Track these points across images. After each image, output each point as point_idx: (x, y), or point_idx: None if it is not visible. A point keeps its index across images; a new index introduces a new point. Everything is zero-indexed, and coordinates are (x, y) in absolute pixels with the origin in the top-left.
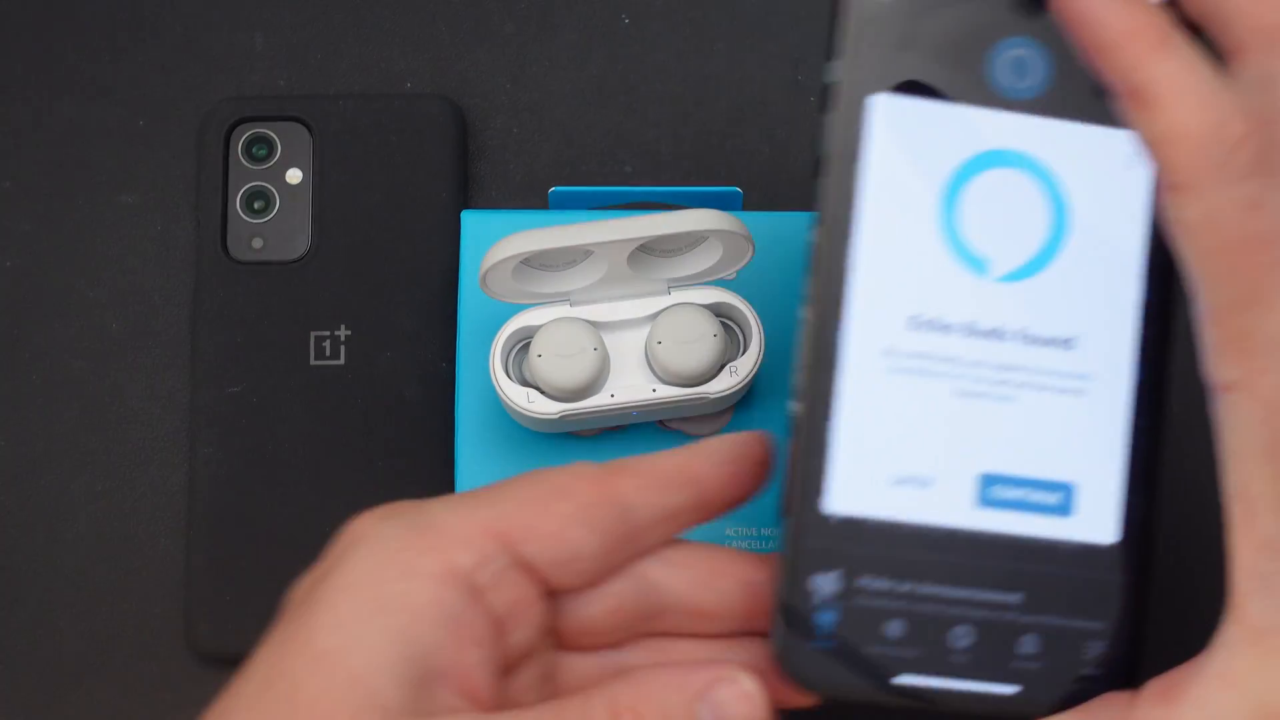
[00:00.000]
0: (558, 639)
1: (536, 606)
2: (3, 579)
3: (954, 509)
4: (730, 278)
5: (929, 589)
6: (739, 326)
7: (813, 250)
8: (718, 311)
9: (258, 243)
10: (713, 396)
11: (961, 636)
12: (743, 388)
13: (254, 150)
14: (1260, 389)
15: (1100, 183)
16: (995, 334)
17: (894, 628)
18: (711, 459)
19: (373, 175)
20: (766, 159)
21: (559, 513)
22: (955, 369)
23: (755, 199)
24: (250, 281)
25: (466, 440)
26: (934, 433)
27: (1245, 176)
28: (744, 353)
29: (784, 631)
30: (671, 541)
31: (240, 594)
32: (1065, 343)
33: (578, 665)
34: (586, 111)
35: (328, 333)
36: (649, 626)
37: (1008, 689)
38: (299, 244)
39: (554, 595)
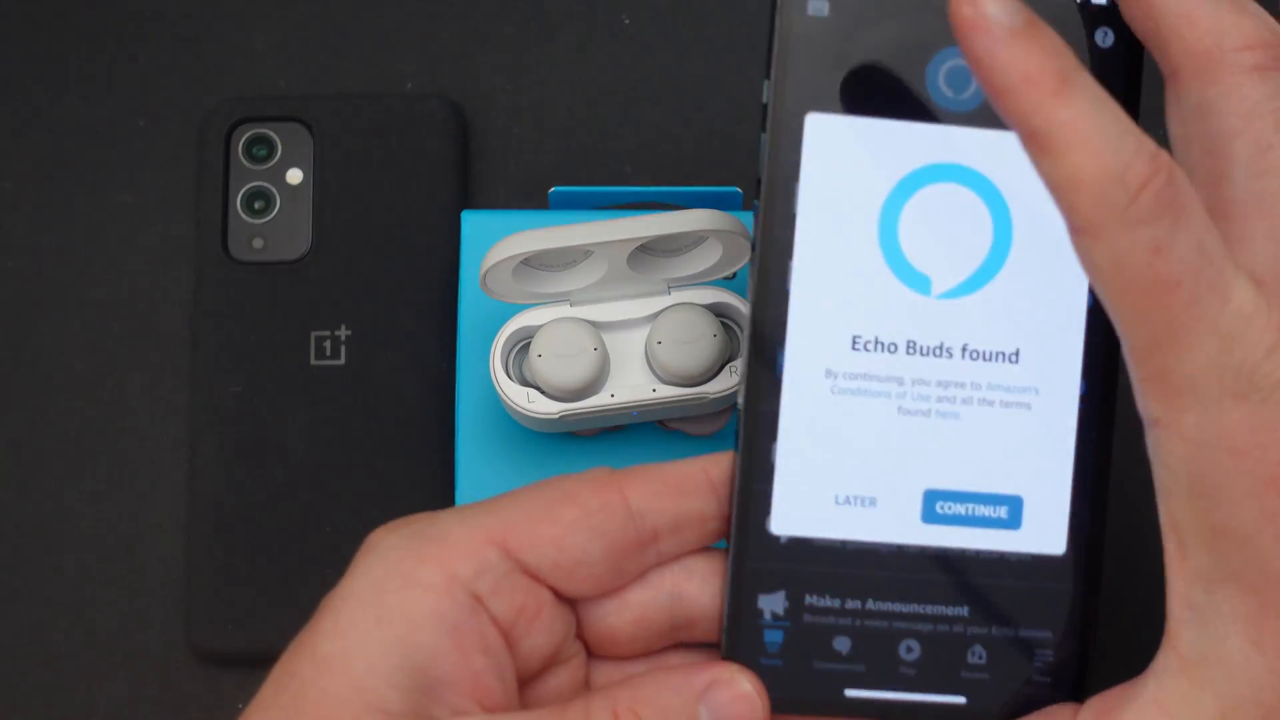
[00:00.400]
0: (590, 647)
1: (548, 613)
2: (3, 579)
3: (899, 527)
4: (730, 278)
5: (876, 605)
6: (739, 326)
7: (753, 271)
8: (718, 311)
9: (258, 243)
10: (713, 396)
11: (910, 650)
12: None
13: (254, 150)
14: (1182, 427)
15: (1041, 193)
16: (939, 351)
17: (842, 643)
18: (727, 465)
19: (373, 175)
20: None
21: (561, 519)
22: (898, 388)
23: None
24: (250, 281)
25: (466, 440)
26: (878, 452)
27: (1148, 220)
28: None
29: (734, 651)
30: (698, 550)
31: (240, 594)
32: (1010, 357)
33: (614, 674)
34: (586, 111)
35: (328, 333)
36: (681, 636)
37: (957, 699)
38: (299, 244)
39: (572, 602)
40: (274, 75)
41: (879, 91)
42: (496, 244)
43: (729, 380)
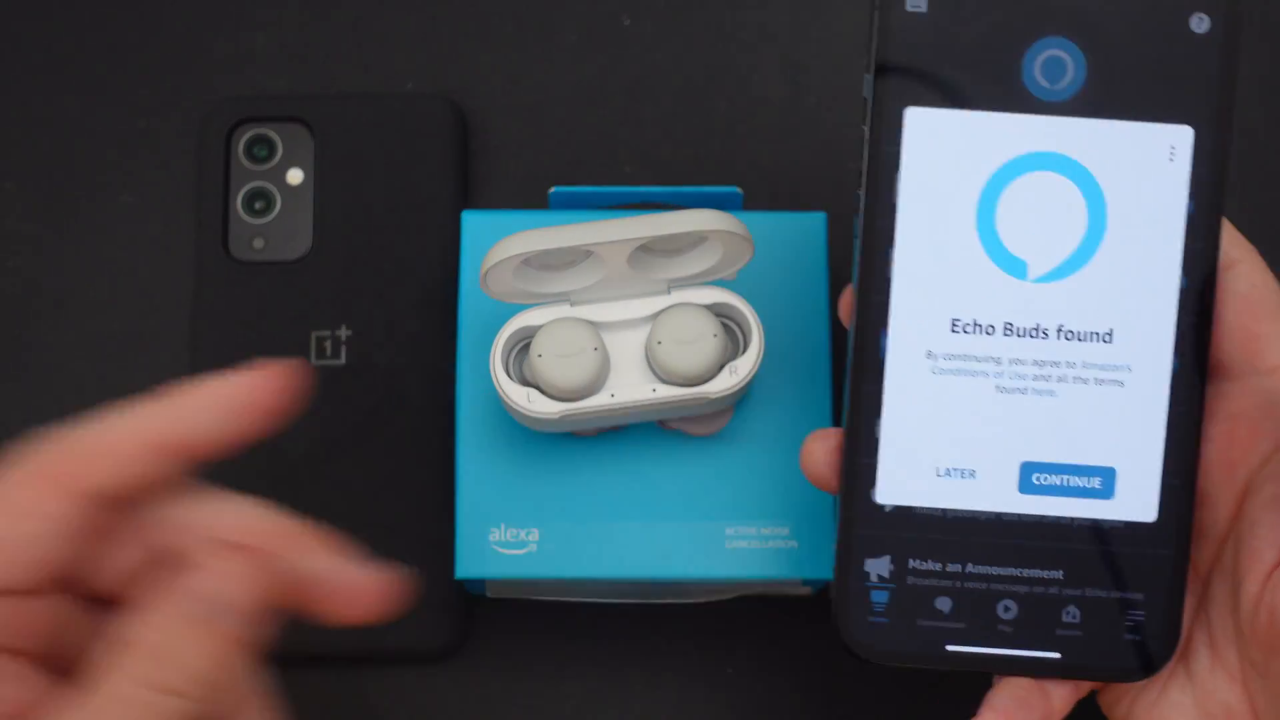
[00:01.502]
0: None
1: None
2: None
3: (997, 496)
4: (730, 278)
5: (975, 568)
6: (739, 326)
7: (857, 259)
8: (718, 311)
9: (259, 243)
10: (713, 396)
11: (1007, 610)
12: (743, 387)
13: (255, 150)
14: None
15: (1137, 178)
16: (1035, 332)
17: (943, 603)
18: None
19: (373, 175)
20: (766, 159)
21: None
22: (996, 367)
23: (755, 199)
24: (251, 281)
25: (466, 440)
26: (976, 427)
27: None
28: (744, 353)
29: (843, 608)
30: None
31: None
32: (1104, 337)
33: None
34: (586, 111)
35: (328, 333)
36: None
37: (1052, 654)
38: (300, 244)
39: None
40: (274, 75)
41: (976, 84)
42: (497, 244)
43: (729, 380)
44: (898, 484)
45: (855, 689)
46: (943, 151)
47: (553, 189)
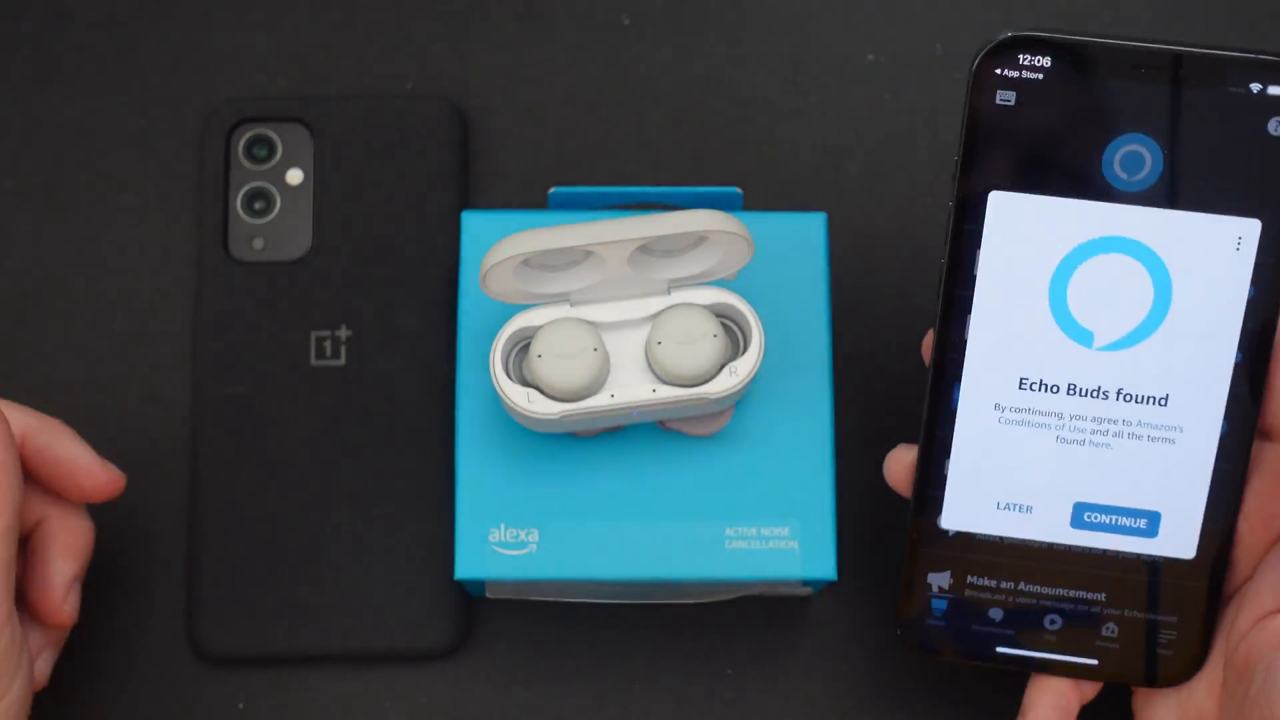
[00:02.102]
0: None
1: None
2: None
3: (1051, 529)
4: (730, 278)
5: (1026, 587)
6: (739, 327)
7: (938, 321)
8: (718, 312)
9: (258, 243)
10: (713, 397)
11: (1053, 622)
12: (743, 388)
13: (255, 151)
14: None
15: (1203, 264)
16: (1096, 393)
17: (995, 613)
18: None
19: (373, 175)
20: (766, 159)
21: None
22: (1058, 421)
23: (755, 199)
24: (251, 282)
25: (466, 440)
26: (1036, 470)
27: None
28: (744, 353)
29: (908, 612)
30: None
31: (240, 594)
32: (1160, 400)
33: None
34: (587, 111)
35: (328, 333)
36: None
37: (1090, 661)
38: (299, 244)
39: None
40: (274, 75)
41: (1056, 172)
42: (497, 244)
43: (729, 381)
44: (961, 513)
45: (855, 690)
46: (1022, 232)
47: (553, 189)
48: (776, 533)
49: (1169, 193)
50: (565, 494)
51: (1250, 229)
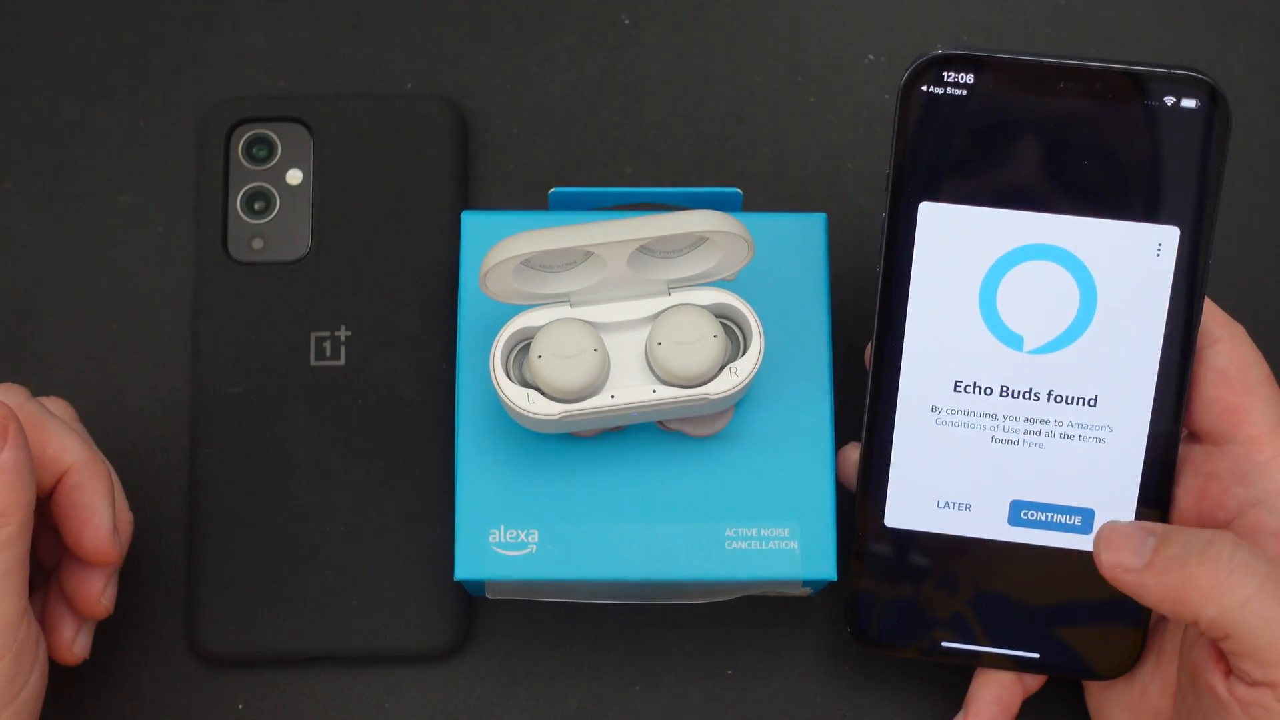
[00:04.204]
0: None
1: None
2: None
3: (989, 526)
4: (730, 278)
5: (968, 581)
6: (739, 327)
7: (876, 327)
8: (718, 312)
9: (258, 243)
10: (713, 397)
11: (994, 616)
12: (743, 388)
13: (254, 151)
14: None
15: (1126, 269)
16: (1028, 394)
17: (940, 609)
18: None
19: (373, 175)
20: (766, 159)
21: None
22: (992, 422)
23: (755, 199)
24: (250, 282)
25: (466, 440)
26: (973, 470)
27: None
28: (744, 353)
29: (853, 606)
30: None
31: (240, 594)
32: (1089, 401)
33: None
34: (587, 112)
35: (328, 333)
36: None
37: (1031, 654)
38: (299, 244)
39: None
40: (274, 75)
41: (984, 183)
42: (497, 244)
43: (729, 381)
44: (903, 511)
45: (854, 690)
46: (952, 240)
47: (553, 189)
48: (776, 533)
49: (1092, 202)
50: (565, 495)
51: (1170, 236)
